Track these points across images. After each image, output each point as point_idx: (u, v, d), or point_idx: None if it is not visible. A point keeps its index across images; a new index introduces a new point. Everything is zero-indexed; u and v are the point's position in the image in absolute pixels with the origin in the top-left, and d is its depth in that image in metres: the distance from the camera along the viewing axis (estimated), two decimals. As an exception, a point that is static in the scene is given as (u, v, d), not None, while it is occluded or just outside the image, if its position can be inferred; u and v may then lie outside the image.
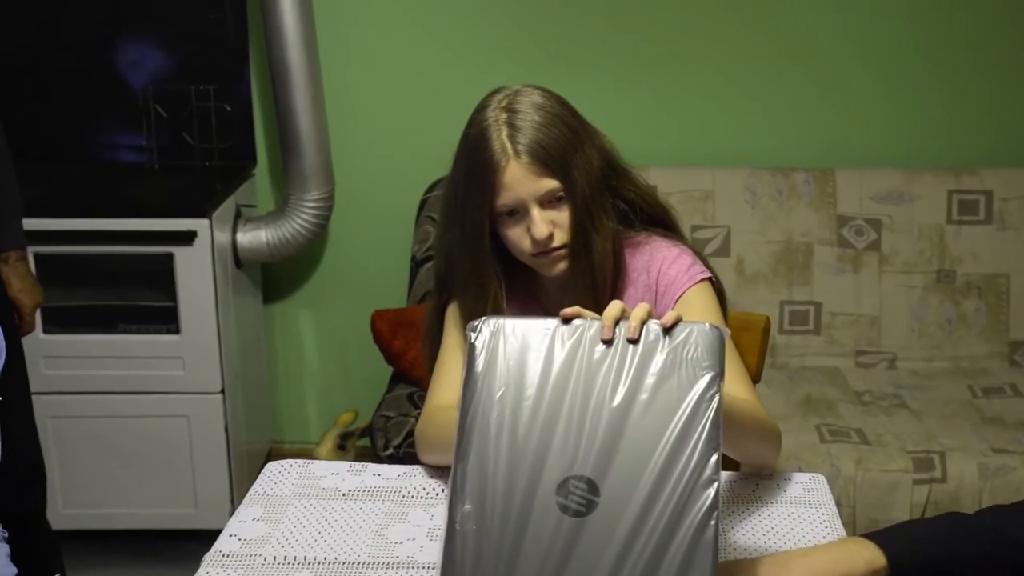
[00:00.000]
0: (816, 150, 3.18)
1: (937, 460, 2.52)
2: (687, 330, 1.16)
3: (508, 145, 1.53)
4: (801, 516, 1.42)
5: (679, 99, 3.17)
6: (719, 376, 1.12)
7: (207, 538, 1.42)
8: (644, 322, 1.18)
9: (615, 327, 1.18)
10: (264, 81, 3.12)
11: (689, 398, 1.11)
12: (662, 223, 1.70)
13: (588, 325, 1.18)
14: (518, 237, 1.57)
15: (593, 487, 1.09)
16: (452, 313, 1.70)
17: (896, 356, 3.03)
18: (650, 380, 1.13)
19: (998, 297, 3.02)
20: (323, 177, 3.05)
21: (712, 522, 1.07)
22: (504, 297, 1.64)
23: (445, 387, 1.65)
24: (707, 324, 1.16)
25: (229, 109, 3.13)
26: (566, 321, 1.19)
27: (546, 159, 1.53)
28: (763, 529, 1.40)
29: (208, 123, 3.13)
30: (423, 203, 3.09)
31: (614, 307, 1.19)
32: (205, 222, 2.78)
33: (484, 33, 3.14)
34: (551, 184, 1.54)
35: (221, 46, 3.10)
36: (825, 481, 1.52)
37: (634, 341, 1.16)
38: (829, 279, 3.04)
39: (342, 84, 3.13)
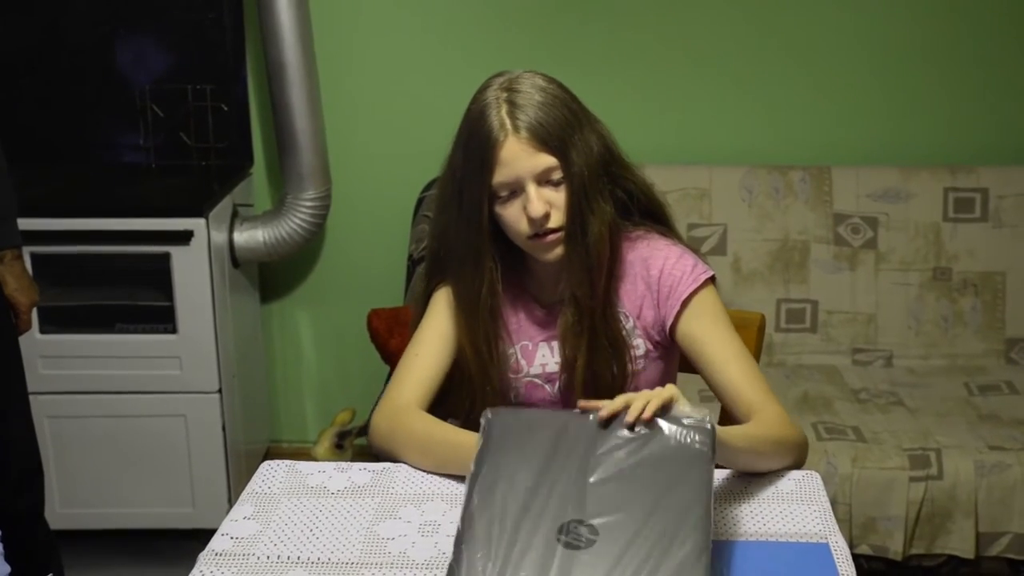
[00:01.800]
0: (812, 148, 3.18)
1: (933, 457, 2.52)
2: (683, 421, 1.28)
3: (507, 121, 1.54)
4: (793, 512, 1.42)
5: (676, 97, 3.18)
6: (711, 457, 1.24)
7: (205, 537, 1.41)
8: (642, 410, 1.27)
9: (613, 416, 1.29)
10: (261, 81, 3.12)
11: (682, 468, 1.23)
12: (658, 218, 1.71)
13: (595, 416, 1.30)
14: (515, 218, 1.57)
15: (592, 529, 1.19)
16: (440, 298, 1.70)
17: (893, 354, 3.03)
18: (647, 451, 1.25)
19: (994, 294, 3.02)
20: (320, 176, 3.06)
21: (703, 559, 1.15)
22: (500, 280, 1.63)
23: (413, 383, 1.64)
24: (702, 417, 1.27)
25: (226, 109, 3.13)
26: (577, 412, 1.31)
27: (544, 136, 1.54)
28: (754, 524, 1.40)
29: (205, 123, 3.14)
30: (420, 202, 3.09)
31: (618, 401, 1.28)
32: (202, 222, 2.79)
33: (480, 32, 3.14)
34: (548, 161, 1.55)
35: (218, 46, 3.10)
36: (819, 477, 1.51)
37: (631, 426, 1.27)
38: (826, 277, 3.04)
39: (339, 83, 3.14)
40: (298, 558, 1.34)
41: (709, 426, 1.27)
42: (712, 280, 1.66)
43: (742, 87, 3.16)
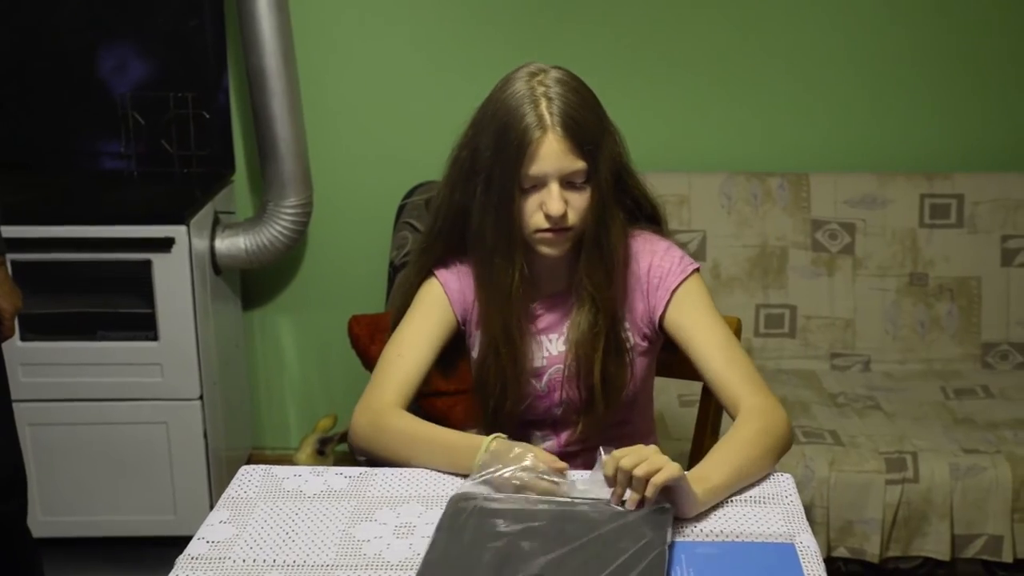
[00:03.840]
0: (791, 155, 3.21)
1: (909, 460, 2.54)
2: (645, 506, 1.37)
3: (546, 116, 1.55)
4: (760, 512, 1.43)
5: (655, 104, 3.20)
6: (664, 543, 1.30)
7: (186, 545, 1.42)
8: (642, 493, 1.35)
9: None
10: (242, 88, 3.13)
11: (641, 540, 1.30)
12: (656, 221, 1.75)
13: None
14: (531, 210, 1.59)
15: None
16: (426, 293, 1.71)
17: (870, 358, 3.06)
18: (607, 524, 1.33)
19: (970, 300, 3.05)
20: (301, 184, 3.07)
21: None
22: (527, 267, 1.63)
23: (395, 385, 1.65)
24: (663, 506, 1.35)
25: (207, 116, 3.14)
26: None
27: (580, 139, 1.56)
28: (720, 524, 1.41)
29: (186, 130, 3.14)
30: (401, 209, 3.11)
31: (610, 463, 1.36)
32: (183, 229, 2.79)
33: (463, 39, 3.16)
34: (578, 165, 1.56)
35: (199, 53, 3.11)
36: (791, 478, 1.53)
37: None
38: (804, 283, 3.06)
39: (320, 91, 3.15)
40: (274, 561, 1.35)
41: (667, 506, 1.35)
42: (697, 272, 1.70)
43: (721, 94, 3.19)
